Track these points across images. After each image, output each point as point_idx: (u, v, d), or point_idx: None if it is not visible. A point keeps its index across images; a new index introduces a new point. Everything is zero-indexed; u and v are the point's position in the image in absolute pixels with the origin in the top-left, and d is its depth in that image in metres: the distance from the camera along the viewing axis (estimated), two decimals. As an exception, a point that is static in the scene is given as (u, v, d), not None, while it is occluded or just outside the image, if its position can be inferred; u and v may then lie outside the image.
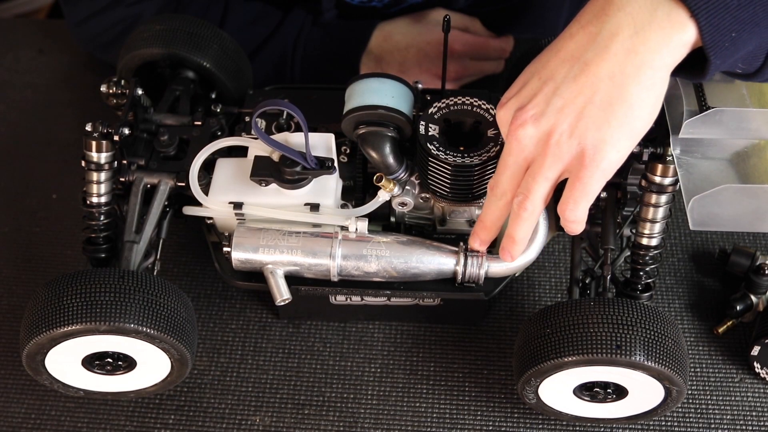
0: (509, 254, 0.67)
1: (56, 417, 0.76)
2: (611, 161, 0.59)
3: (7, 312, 0.83)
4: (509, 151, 0.61)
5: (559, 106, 0.58)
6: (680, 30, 0.56)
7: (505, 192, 0.63)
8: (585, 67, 0.58)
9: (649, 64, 0.56)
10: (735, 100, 0.70)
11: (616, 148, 0.58)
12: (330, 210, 0.71)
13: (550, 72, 0.59)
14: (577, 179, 0.60)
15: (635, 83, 0.57)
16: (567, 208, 0.61)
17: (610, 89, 0.57)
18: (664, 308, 0.82)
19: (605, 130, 0.58)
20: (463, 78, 0.96)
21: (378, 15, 0.96)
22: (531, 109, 0.59)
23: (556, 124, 0.59)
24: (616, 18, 0.57)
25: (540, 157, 0.60)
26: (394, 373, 0.78)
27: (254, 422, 0.76)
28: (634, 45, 0.56)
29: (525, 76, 0.62)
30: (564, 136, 0.59)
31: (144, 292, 0.67)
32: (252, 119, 0.68)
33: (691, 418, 0.75)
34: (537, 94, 0.59)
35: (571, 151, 0.59)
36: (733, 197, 0.65)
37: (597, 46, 0.57)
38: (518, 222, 0.64)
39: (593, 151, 0.58)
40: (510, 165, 0.62)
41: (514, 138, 0.60)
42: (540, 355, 0.66)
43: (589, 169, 0.59)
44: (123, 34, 0.93)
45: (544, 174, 0.60)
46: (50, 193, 0.92)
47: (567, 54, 0.59)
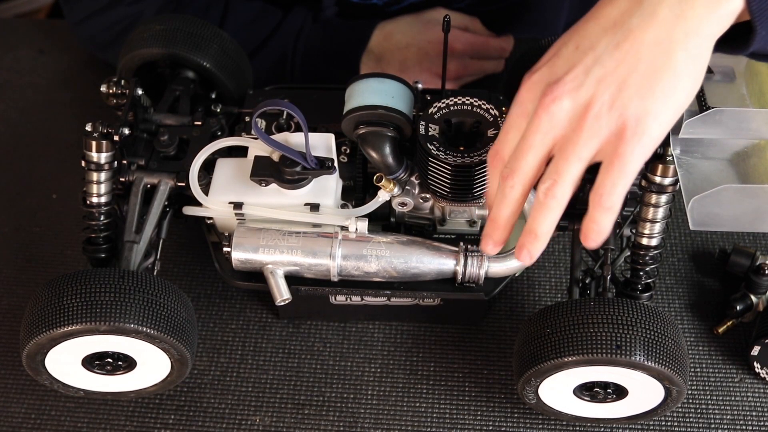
0: (529, 253, 0.59)
1: (56, 417, 0.76)
2: (653, 136, 0.54)
3: (7, 312, 0.83)
4: (536, 128, 0.55)
5: (600, 76, 0.54)
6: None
7: (524, 179, 0.57)
8: (629, 33, 0.54)
9: (697, 31, 0.54)
10: (735, 100, 0.70)
11: (659, 120, 0.54)
12: (330, 210, 0.71)
13: (590, 41, 0.55)
14: (615, 156, 0.54)
15: (683, 50, 0.53)
16: (604, 191, 0.55)
17: (656, 56, 0.53)
18: (664, 308, 0.82)
19: (649, 100, 0.54)
20: (464, 77, 0.96)
21: (378, 14, 0.96)
22: (569, 81, 0.54)
23: (596, 95, 0.54)
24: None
25: (574, 134, 0.55)
26: (394, 373, 0.78)
27: (254, 422, 0.76)
28: (683, 11, 0.53)
29: (557, 47, 0.57)
30: (604, 107, 0.54)
31: (144, 292, 0.67)
32: (252, 119, 0.68)
33: (691, 418, 0.75)
34: (575, 65, 0.55)
35: (611, 125, 0.54)
36: (733, 197, 0.65)
37: (643, 11, 0.54)
38: (543, 212, 0.57)
39: (635, 124, 0.54)
40: (535, 146, 0.56)
41: (546, 113, 0.55)
42: (540, 355, 0.66)
43: (630, 144, 0.54)
44: (123, 33, 0.93)
45: (578, 153, 0.55)
46: (50, 193, 0.92)
47: (608, 21, 0.55)
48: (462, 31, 0.95)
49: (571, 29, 0.57)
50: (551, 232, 0.58)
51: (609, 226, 0.57)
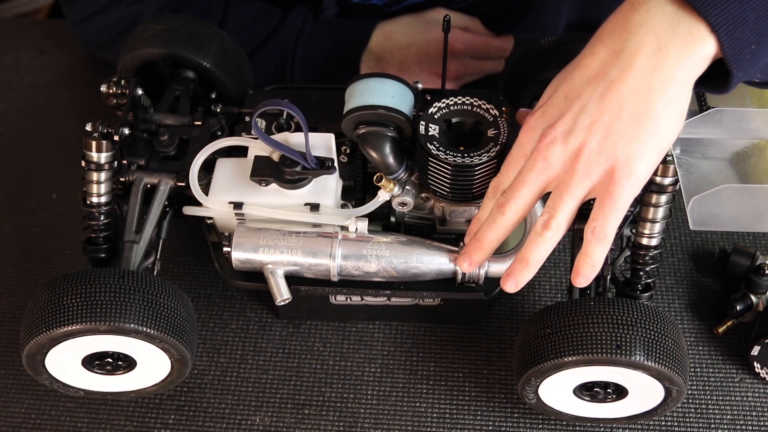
0: (515, 281, 0.64)
1: (56, 417, 0.76)
2: (640, 175, 0.59)
3: (7, 312, 0.83)
4: (532, 167, 0.61)
5: (588, 124, 0.59)
6: (701, 44, 0.57)
7: (516, 209, 0.62)
8: (611, 84, 0.58)
9: (673, 78, 0.57)
10: (735, 100, 0.70)
11: (644, 161, 0.59)
12: (330, 210, 0.71)
13: (576, 91, 0.60)
14: (606, 195, 0.59)
15: (661, 97, 0.58)
16: (597, 224, 0.60)
17: (637, 104, 0.58)
18: (664, 308, 0.82)
19: (634, 145, 0.58)
20: (464, 77, 0.96)
21: (378, 14, 0.96)
22: (560, 126, 0.59)
23: (586, 141, 0.59)
24: (639, 35, 0.57)
25: (568, 175, 0.60)
26: (394, 373, 0.78)
27: (254, 422, 0.76)
28: (658, 60, 0.57)
29: (549, 93, 0.62)
30: (594, 153, 0.59)
31: (144, 292, 0.67)
32: (252, 119, 0.68)
33: (691, 418, 0.75)
34: (565, 112, 0.60)
35: (600, 168, 0.59)
36: (733, 197, 0.65)
37: (621, 63, 0.58)
38: (538, 243, 0.62)
39: (623, 166, 0.58)
40: (529, 182, 0.61)
41: (541, 155, 0.60)
42: (540, 355, 0.66)
43: (620, 184, 0.59)
44: (123, 33, 0.93)
45: (572, 192, 0.60)
46: (50, 193, 0.92)
47: (591, 72, 0.59)
48: (462, 31, 0.95)
49: (561, 75, 0.62)
50: (541, 263, 0.64)
51: (601, 260, 0.62)
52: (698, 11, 0.56)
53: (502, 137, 0.68)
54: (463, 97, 0.71)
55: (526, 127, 0.62)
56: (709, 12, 0.56)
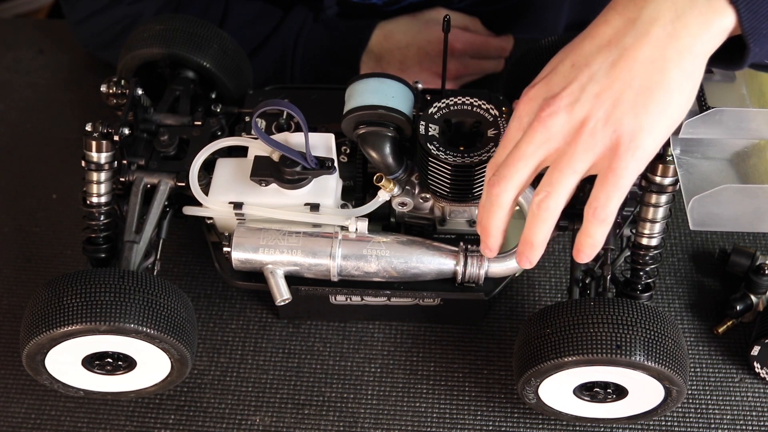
0: (528, 259, 0.61)
1: (56, 417, 0.76)
2: (646, 150, 0.56)
3: (7, 312, 0.83)
4: (530, 139, 0.57)
5: (596, 92, 0.56)
6: (721, 16, 0.54)
7: (511, 186, 0.59)
8: (624, 52, 0.55)
9: (690, 49, 0.55)
10: (735, 100, 0.70)
11: (652, 135, 0.56)
12: (330, 210, 0.71)
13: (585, 58, 0.57)
14: (609, 171, 0.56)
15: (676, 68, 0.55)
16: (598, 204, 0.57)
17: (650, 74, 0.55)
18: (664, 308, 0.82)
19: (643, 117, 0.55)
20: (464, 77, 0.96)
21: (378, 13, 0.96)
22: (565, 97, 0.56)
23: (592, 111, 0.56)
24: (656, 3, 0.55)
25: (569, 148, 0.56)
26: (394, 373, 0.78)
27: (254, 422, 0.76)
28: (676, 30, 0.55)
29: (553, 64, 0.59)
30: (599, 123, 0.55)
31: (144, 292, 0.67)
32: (252, 119, 0.68)
33: (691, 418, 0.75)
34: (571, 81, 0.56)
35: (605, 140, 0.56)
36: (733, 197, 0.65)
37: (636, 30, 0.55)
38: (537, 223, 0.59)
39: (629, 139, 0.55)
40: (527, 156, 0.57)
41: (541, 125, 0.56)
42: (540, 355, 0.66)
43: (624, 159, 0.55)
44: (123, 33, 0.93)
45: (573, 166, 0.56)
46: (50, 193, 0.92)
47: (603, 40, 0.56)
48: (462, 30, 0.96)
49: (568, 46, 0.59)
50: (547, 240, 0.60)
51: (602, 240, 0.59)
52: None
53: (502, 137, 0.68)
54: (463, 97, 0.71)
55: (526, 99, 0.59)
56: None
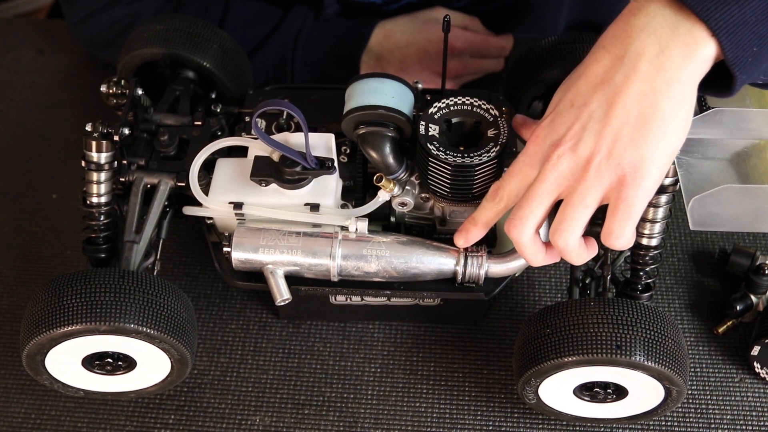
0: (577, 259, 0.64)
1: (56, 417, 0.76)
2: (652, 179, 0.59)
3: (7, 312, 0.83)
4: (543, 180, 0.60)
5: (596, 130, 0.59)
6: (703, 46, 0.57)
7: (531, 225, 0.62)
8: (617, 90, 0.58)
9: (678, 79, 0.57)
10: (735, 100, 0.70)
11: (655, 164, 0.59)
12: (330, 210, 0.71)
13: (583, 98, 0.60)
14: (619, 200, 0.59)
15: (667, 98, 0.58)
16: (613, 234, 0.60)
17: (643, 107, 0.58)
18: (664, 308, 0.82)
19: (644, 148, 0.58)
20: (463, 76, 0.96)
21: (378, 13, 0.96)
22: (569, 139, 0.59)
23: (595, 148, 0.59)
24: (640, 38, 0.58)
25: (579, 184, 0.60)
26: (394, 373, 0.78)
27: (254, 422, 0.76)
28: (661, 63, 0.57)
29: (555, 102, 0.62)
30: (603, 159, 0.59)
31: (144, 292, 0.67)
32: (252, 119, 0.68)
33: (691, 418, 0.75)
34: (574, 122, 0.60)
35: (611, 174, 0.59)
36: (733, 197, 0.65)
37: (625, 67, 0.58)
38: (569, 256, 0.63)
39: (633, 170, 0.58)
40: (541, 196, 0.61)
41: (552, 168, 0.60)
42: (540, 355, 0.66)
43: (632, 188, 0.59)
44: (123, 32, 0.93)
45: (584, 201, 0.60)
46: (50, 193, 0.92)
47: (596, 78, 0.59)
48: (462, 29, 0.96)
49: (566, 83, 0.62)
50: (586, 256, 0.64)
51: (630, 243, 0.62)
52: (698, 15, 0.56)
53: (502, 137, 0.68)
54: (463, 97, 0.71)
55: (534, 138, 0.62)
56: (709, 16, 0.56)
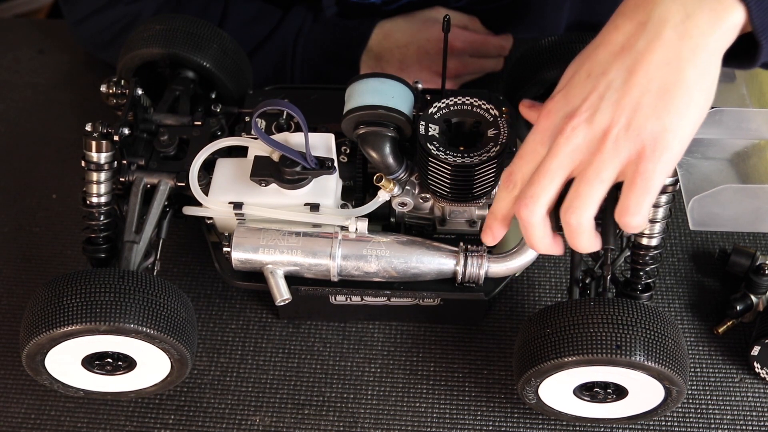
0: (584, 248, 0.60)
1: (56, 417, 0.76)
2: (673, 151, 0.56)
3: (7, 312, 0.83)
4: (556, 155, 0.57)
5: (615, 100, 0.55)
6: (730, 12, 0.55)
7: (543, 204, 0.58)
8: (638, 57, 0.55)
9: (704, 47, 0.55)
10: (735, 100, 0.70)
11: (678, 136, 0.55)
12: (330, 210, 0.71)
13: (601, 67, 0.57)
14: (637, 174, 0.55)
15: (692, 67, 0.55)
16: (629, 210, 0.56)
17: (666, 75, 0.55)
18: (664, 308, 0.82)
19: (666, 119, 0.55)
20: (463, 75, 0.96)
21: (377, 13, 0.96)
22: (585, 110, 0.56)
23: (613, 119, 0.55)
24: (664, 4, 0.55)
25: (594, 158, 0.56)
26: (394, 373, 0.78)
27: (254, 422, 0.76)
28: (687, 29, 0.55)
29: (569, 74, 0.59)
30: (622, 131, 0.55)
31: (144, 292, 0.67)
32: (252, 119, 0.68)
33: (691, 418, 0.75)
34: (590, 92, 0.56)
35: (630, 146, 0.55)
36: (733, 197, 0.65)
37: (648, 34, 0.55)
38: (577, 237, 0.59)
39: (654, 143, 0.55)
40: (554, 171, 0.57)
41: (566, 141, 0.56)
42: (540, 355, 0.66)
43: (651, 162, 0.55)
44: (122, 32, 0.93)
45: (600, 176, 0.56)
46: (50, 193, 0.92)
47: (616, 46, 0.56)
48: (461, 29, 0.96)
49: (581, 55, 0.59)
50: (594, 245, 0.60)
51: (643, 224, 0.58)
52: None
53: (502, 137, 0.68)
54: (463, 97, 0.71)
55: (545, 112, 0.58)
56: None
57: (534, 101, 0.67)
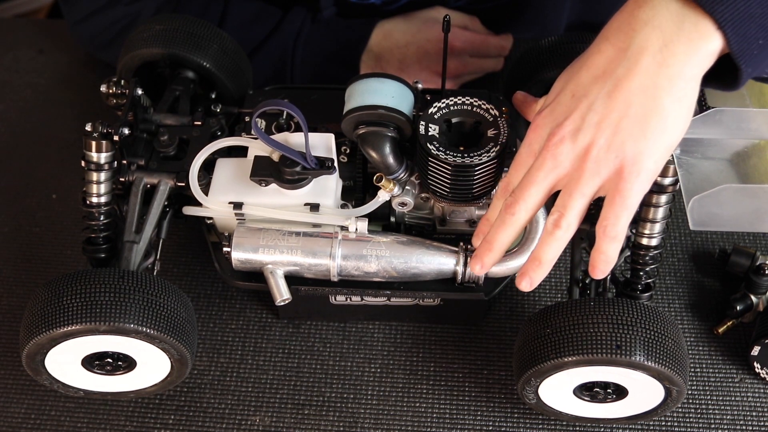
0: (530, 280, 0.63)
1: (56, 417, 0.76)
2: (649, 172, 0.59)
3: (7, 312, 0.83)
4: (541, 166, 0.60)
5: (596, 122, 0.59)
6: (708, 41, 0.56)
7: (526, 208, 0.62)
8: (618, 82, 0.58)
9: (680, 75, 0.57)
10: (735, 100, 0.70)
11: (653, 158, 0.59)
12: (330, 210, 0.71)
13: (583, 89, 0.60)
14: (616, 192, 0.59)
15: (668, 95, 0.58)
16: (608, 223, 0.60)
17: (643, 102, 0.58)
18: (664, 308, 0.82)
19: (642, 142, 0.58)
20: (463, 75, 0.96)
21: (377, 13, 0.96)
22: (568, 125, 0.59)
23: (594, 139, 0.59)
24: (644, 32, 0.57)
25: (577, 173, 0.60)
26: (394, 373, 0.78)
27: (254, 422, 0.76)
28: (665, 58, 0.57)
29: (555, 91, 0.62)
30: (602, 150, 0.59)
31: (144, 292, 0.67)
32: (252, 119, 0.68)
33: (691, 418, 0.75)
34: (572, 111, 0.60)
35: (609, 165, 0.59)
36: (733, 197, 0.65)
37: (627, 61, 0.58)
38: (550, 242, 0.61)
39: (632, 163, 0.58)
40: (538, 181, 0.61)
41: (549, 154, 0.60)
42: (540, 355, 0.66)
43: (629, 181, 0.59)
44: (122, 32, 0.93)
45: (582, 190, 0.60)
46: (50, 193, 0.92)
47: (598, 70, 0.59)
48: (461, 29, 0.96)
49: (567, 73, 0.62)
50: (555, 260, 0.62)
51: (615, 255, 0.61)
52: (704, 8, 0.56)
53: (502, 137, 0.68)
54: (463, 97, 0.71)
55: (534, 126, 0.62)
56: (715, 8, 0.56)
57: (527, 94, 0.69)
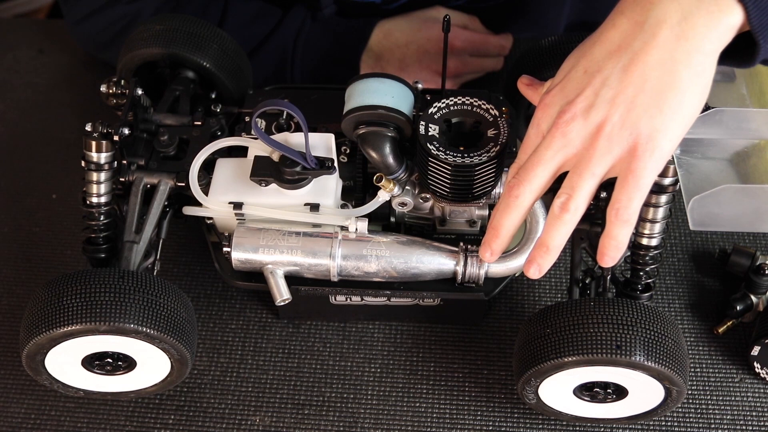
0: (539, 266, 0.61)
1: (56, 417, 0.76)
2: (664, 150, 0.57)
3: (7, 312, 0.83)
4: (548, 145, 0.58)
5: (610, 97, 0.56)
6: (728, 14, 0.55)
7: (530, 190, 0.59)
8: (634, 56, 0.56)
9: (699, 49, 0.55)
10: (735, 100, 0.70)
11: (668, 136, 0.56)
12: (330, 210, 0.71)
13: (597, 64, 0.57)
14: (629, 172, 0.57)
15: (686, 68, 0.56)
16: (621, 206, 0.57)
17: (661, 76, 0.56)
18: (664, 308, 0.82)
19: (658, 118, 0.56)
20: (463, 75, 0.96)
21: (377, 12, 0.96)
22: (580, 102, 0.57)
23: (608, 115, 0.56)
24: (662, 5, 0.56)
25: (587, 152, 0.57)
26: (394, 373, 0.78)
27: (254, 422, 0.76)
28: (683, 31, 0.55)
29: (566, 69, 0.60)
30: (616, 127, 0.56)
31: (144, 292, 0.67)
32: (252, 119, 0.68)
33: (691, 418, 0.75)
34: (585, 87, 0.57)
35: (623, 143, 0.56)
36: (733, 197, 0.65)
37: (644, 34, 0.56)
38: (557, 225, 0.59)
39: (646, 141, 0.56)
40: (545, 161, 0.58)
41: (559, 131, 0.57)
42: (540, 355, 0.66)
43: (643, 160, 0.56)
44: (122, 32, 0.93)
45: (592, 170, 0.57)
46: (50, 193, 0.92)
47: (613, 44, 0.57)
48: (461, 28, 0.96)
49: (579, 49, 0.60)
50: (562, 246, 0.60)
51: (626, 241, 0.59)
52: None
53: (502, 137, 0.68)
54: (463, 97, 0.71)
55: (543, 105, 0.60)
56: None
57: (533, 78, 0.67)
